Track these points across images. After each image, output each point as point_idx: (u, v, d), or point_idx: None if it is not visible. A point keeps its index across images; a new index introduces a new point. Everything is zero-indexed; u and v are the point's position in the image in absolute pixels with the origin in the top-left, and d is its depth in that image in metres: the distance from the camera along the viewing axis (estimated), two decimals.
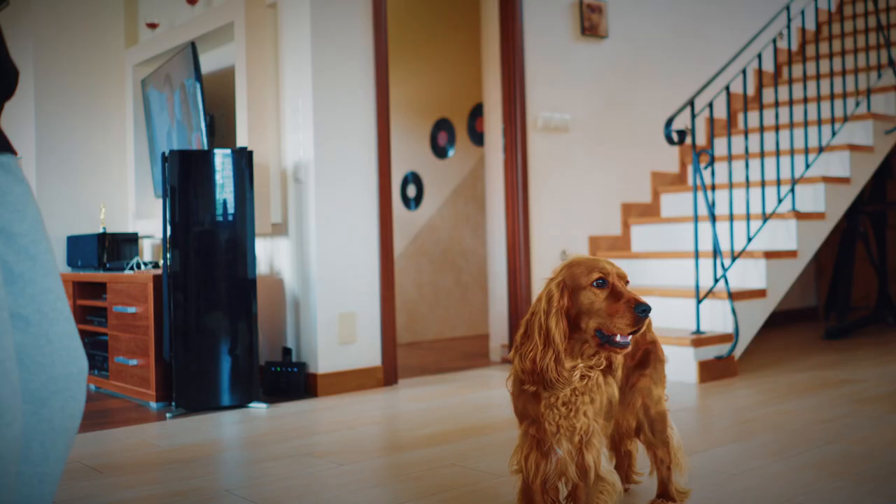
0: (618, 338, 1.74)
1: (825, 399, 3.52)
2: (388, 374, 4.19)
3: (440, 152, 6.46)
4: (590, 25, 5.25)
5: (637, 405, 2.11)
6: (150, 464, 2.85)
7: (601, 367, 1.83)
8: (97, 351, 4.40)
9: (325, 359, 4.00)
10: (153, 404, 3.80)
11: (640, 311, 1.71)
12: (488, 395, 3.94)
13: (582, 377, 1.80)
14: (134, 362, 3.93)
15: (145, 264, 4.39)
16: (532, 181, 4.88)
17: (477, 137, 6.31)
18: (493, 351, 4.97)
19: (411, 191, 6.43)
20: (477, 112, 6.32)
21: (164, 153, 3.78)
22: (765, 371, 4.26)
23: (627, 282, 1.80)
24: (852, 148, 4.99)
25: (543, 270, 4.88)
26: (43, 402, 1.41)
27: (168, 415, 3.60)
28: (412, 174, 6.45)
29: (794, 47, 6.64)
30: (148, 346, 3.83)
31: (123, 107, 5.34)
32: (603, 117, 5.31)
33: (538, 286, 4.86)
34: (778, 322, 6.26)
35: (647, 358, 2.11)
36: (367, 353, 4.14)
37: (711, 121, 4.44)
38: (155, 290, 3.82)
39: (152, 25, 5.00)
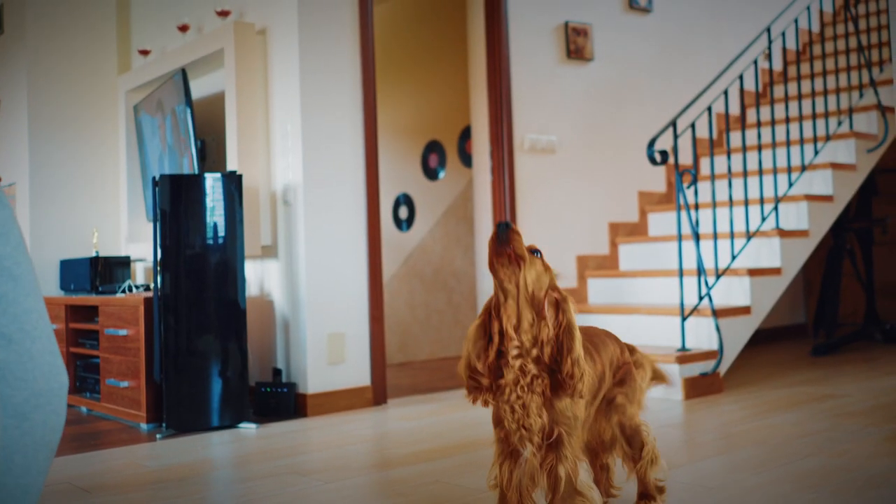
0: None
1: (808, 414, 3.57)
2: (377, 393, 4.24)
3: (431, 174, 6.53)
4: (575, 48, 5.34)
5: (613, 421, 2.17)
6: (138, 484, 2.89)
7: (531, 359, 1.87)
8: (89, 374, 4.44)
9: (315, 379, 4.04)
10: (144, 426, 3.84)
11: (498, 227, 1.85)
12: (476, 413, 3.98)
13: (520, 359, 1.86)
14: (125, 384, 3.97)
15: (137, 287, 4.44)
16: (519, 202, 4.95)
17: (467, 159, 6.38)
18: None
19: (403, 212, 6.49)
20: (467, 134, 6.40)
21: (154, 177, 3.84)
22: (750, 387, 4.30)
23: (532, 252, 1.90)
24: (835, 166, 5.07)
25: None
26: (25, 416, 1.46)
27: (158, 436, 3.64)
28: (404, 196, 6.51)
29: (779, 67, 6.73)
30: (139, 368, 3.87)
31: (116, 132, 5.41)
32: (589, 138, 5.39)
33: None
34: (767, 339, 6.31)
35: (625, 378, 2.18)
36: (356, 373, 4.19)
37: (694, 140, 4.51)
38: (146, 313, 3.87)
39: (144, 52, 5.08)
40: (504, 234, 1.84)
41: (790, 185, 4.85)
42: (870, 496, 2.37)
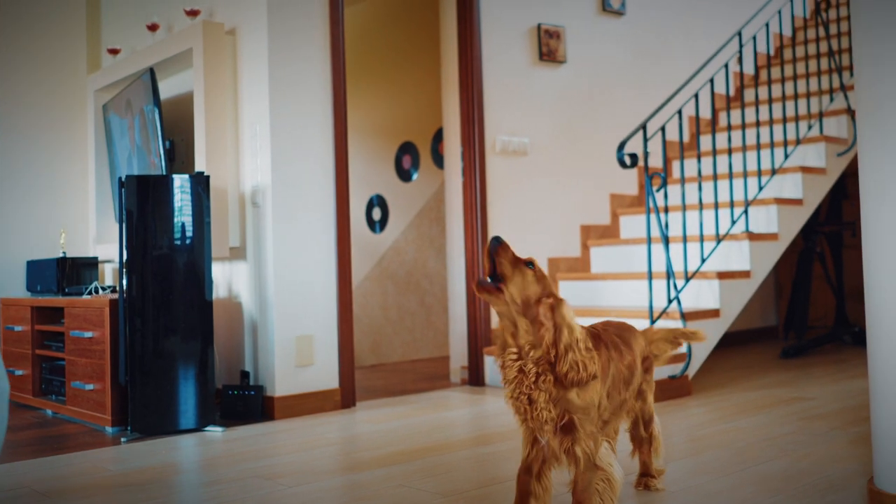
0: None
1: (775, 417, 3.59)
2: (345, 396, 4.21)
3: (405, 175, 6.51)
4: (548, 51, 5.34)
5: (638, 406, 2.48)
6: (100, 487, 2.85)
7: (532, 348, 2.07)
8: (54, 376, 4.39)
9: (283, 382, 4.02)
10: (109, 429, 3.80)
11: (490, 242, 2.08)
12: (444, 416, 3.97)
13: (518, 361, 2.06)
14: (90, 387, 3.93)
15: (104, 289, 4.40)
16: (491, 203, 4.94)
17: (440, 161, 6.37)
18: (453, 373, 5.01)
19: (376, 213, 6.47)
20: (440, 136, 6.39)
21: (120, 178, 3.80)
22: (719, 390, 4.32)
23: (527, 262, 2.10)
24: (805, 170, 5.10)
25: None
26: None
27: (123, 439, 3.60)
28: (377, 197, 6.50)
29: (752, 71, 6.76)
30: (104, 370, 3.83)
31: (85, 132, 5.35)
32: (562, 141, 5.39)
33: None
34: (738, 341, 6.35)
35: (649, 368, 2.50)
36: (324, 375, 4.16)
37: (664, 144, 4.52)
38: (111, 315, 3.83)
39: (114, 51, 5.03)
40: (492, 252, 2.06)
41: (760, 188, 4.88)
42: (832, 499, 2.38)
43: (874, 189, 2.09)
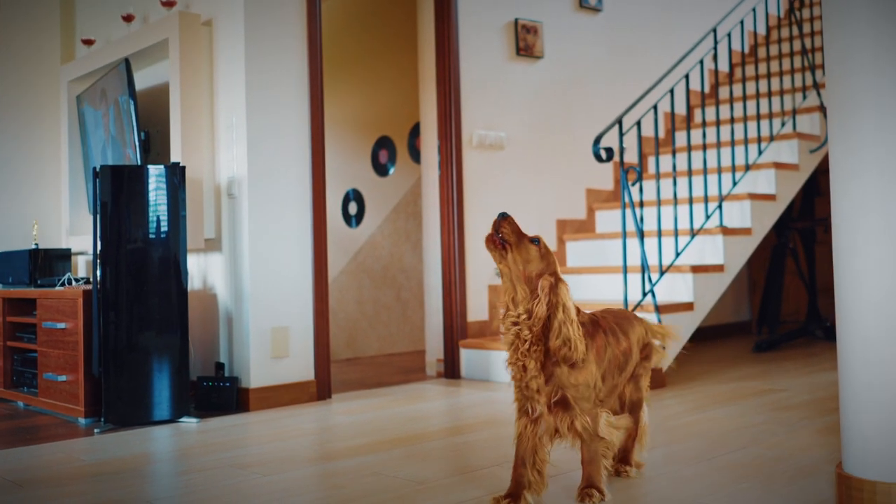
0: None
1: (747, 407, 3.62)
2: (321, 388, 4.21)
3: (381, 170, 6.51)
4: (525, 46, 5.36)
5: (629, 389, 2.55)
6: (73, 477, 2.84)
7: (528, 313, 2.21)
8: (27, 368, 4.36)
9: (258, 373, 4.01)
10: (82, 420, 3.78)
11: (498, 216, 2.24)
12: (419, 407, 3.98)
13: (515, 326, 2.21)
14: (63, 378, 3.90)
15: (77, 280, 4.36)
16: (467, 197, 4.95)
17: (417, 155, 6.38)
18: (429, 365, 5.02)
19: (353, 208, 6.47)
20: (417, 130, 6.39)
21: (95, 168, 3.78)
22: (693, 382, 4.36)
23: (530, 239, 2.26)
24: (778, 166, 5.15)
25: (478, 285, 4.95)
26: None
27: (96, 430, 3.58)
28: (353, 191, 6.49)
29: (726, 69, 6.82)
30: (77, 361, 3.81)
31: (58, 122, 5.31)
32: (538, 135, 5.41)
33: (473, 300, 4.93)
34: (712, 336, 6.40)
35: (647, 355, 2.58)
36: (300, 367, 4.16)
37: (639, 139, 4.55)
38: (85, 306, 3.80)
39: (88, 42, 5.00)
40: (496, 223, 2.22)
41: (734, 183, 4.92)
42: (800, 485, 2.41)
43: (843, 185, 2.13)
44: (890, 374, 2.03)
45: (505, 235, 2.24)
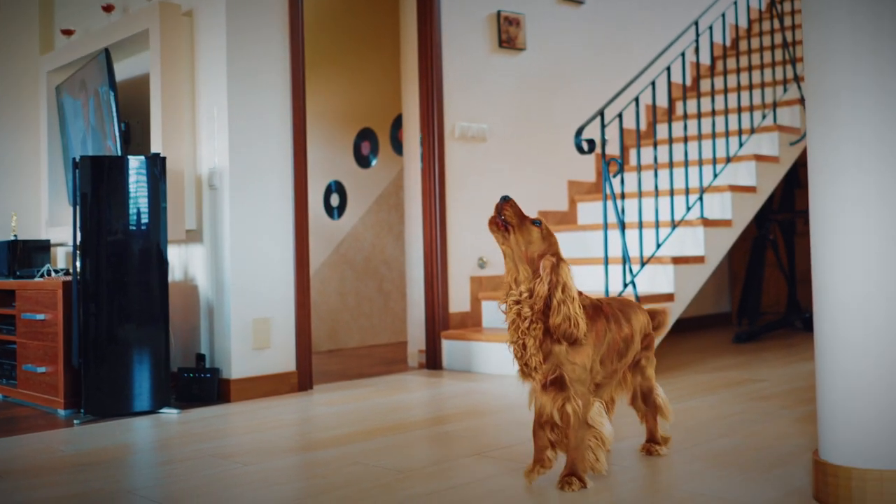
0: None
1: (725, 397, 3.65)
2: (302, 379, 4.21)
3: (363, 162, 6.50)
4: (507, 38, 5.36)
5: (636, 381, 2.64)
6: (52, 468, 2.83)
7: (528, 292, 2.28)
8: (5, 360, 4.33)
9: (239, 364, 4.00)
10: (62, 411, 3.76)
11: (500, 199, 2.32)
12: (401, 398, 3.98)
13: (517, 305, 2.29)
14: (42, 370, 3.88)
15: (56, 271, 4.34)
16: (449, 189, 4.96)
17: (399, 147, 6.37)
18: (410, 356, 5.02)
19: (334, 200, 6.46)
20: (399, 122, 6.38)
21: (74, 159, 3.76)
22: (674, 372, 4.38)
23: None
24: (758, 158, 5.18)
25: (460, 277, 4.96)
26: None
27: (76, 421, 3.57)
28: (335, 183, 6.48)
29: (708, 61, 6.85)
30: (57, 353, 3.79)
31: (37, 113, 5.27)
32: (520, 127, 5.42)
33: (455, 292, 4.93)
34: (693, 327, 6.44)
35: (649, 344, 2.65)
36: (281, 358, 4.15)
37: (621, 131, 4.57)
38: (65, 297, 3.78)
39: (68, 32, 4.96)
40: (499, 206, 2.29)
41: (715, 176, 4.95)
42: (778, 472, 2.43)
43: (821, 177, 2.14)
44: (865, 364, 2.05)
45: (507, 217, 2.30)
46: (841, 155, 2.10)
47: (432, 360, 4.83)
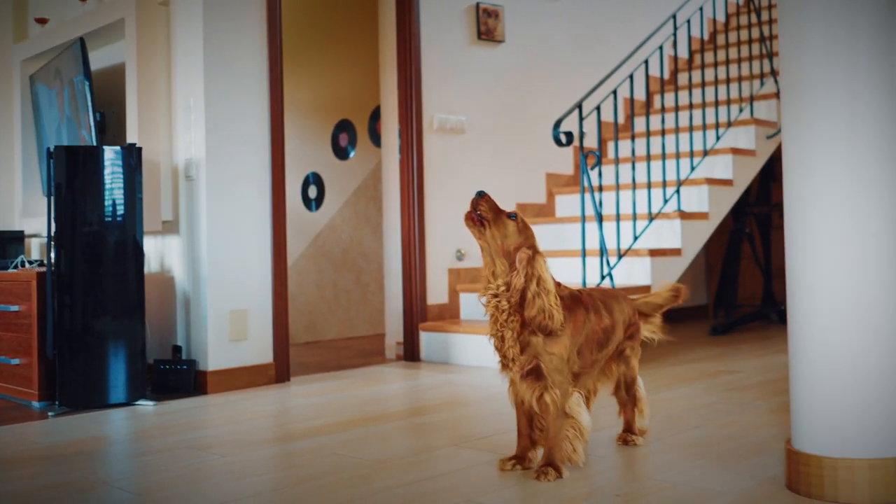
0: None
1: (701, 388, 3.68)
2: (279, 371, 4.20)
3: (341, 153, 6.48)
4: (486, 30, 5.36)
5: (620, 370, 2.66)
6: (27, 460, 2.81)
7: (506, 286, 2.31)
8: None
9: (216, 356, 3.98)
10: (36, 404, 3.73)
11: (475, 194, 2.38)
12: (379, 389, 3.98)
13: (495, 298, 2.32)
14: (16, 361, 3.85)
15: (31, 262, 4.30)
16: (427, 181, 4.95)
17: (378, 139, 6.35)
18: (388, 348, 5.02)
19: (312, 191, 6.43)
20: (378, 114, 6.36)
21: (49, 149, 3.72)
22: (650, 364, 4.41)
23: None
24: (735, 151, 5.21)
25: (438, 269, 4.96)
26: None
27: (50, 413, 3.54)
28: (313, 175, 6.45)
29: (686, 55, 6.88)
30: (31, 344, 3.76)
31: (10, 102, 5.21)
32: (499, 119, 5.42)
33: (433, 284, 4.94)
34: (670, 320, 6.45)
35: (633, 334, 2.68)
36: (258, 350, 4.14)
37: (599, 124, 4.58)
38: (39, 288, 3.75)
39: (42, 21, 4.90)
40: (474, 201, 2.35)
41: (692, 169, 4.98)
42: (752, 461, 2.46)
43: (795, 170, 2.16)
44: (836, 355, 2.08)
45: (482, 212, 2.35)
46: (814, 149, 2.11)
47: (410, 352, 4.84)
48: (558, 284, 2.41)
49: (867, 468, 2.03)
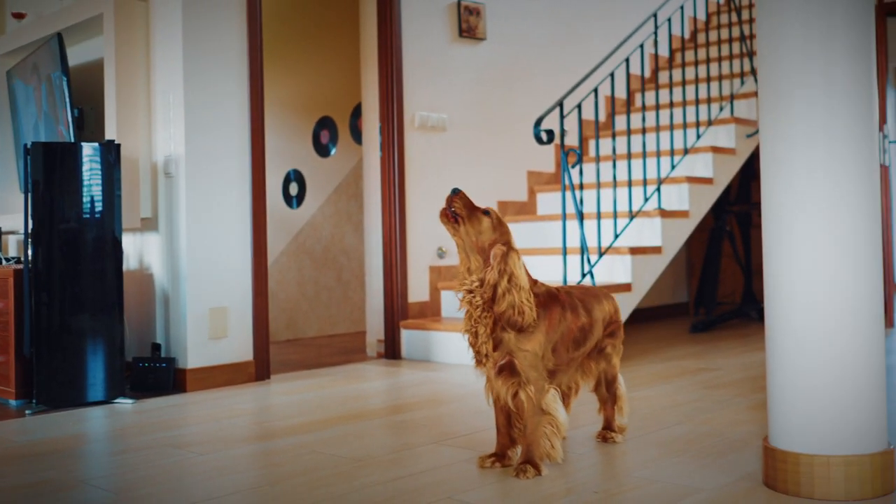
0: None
1: (680, 385, 3.70)
2: (259, 368, 4.18)
3: (322, 151, 6.46)
4: (468, 27, 5.36)
5: (600, 367, 2.66)
6: (3, 458, 2.78)
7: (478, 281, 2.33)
8: None
9: (195, 354, 3.96)
10: (13, 402, 3.70)
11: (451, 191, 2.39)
12: (359, 387, 3.97)
13: (470, 294, 2.33)
14: None
15: (7, 259, 4.26)
16: (409, 179, 4.95)
17: (359, 136, 6.34)
18: (369, 346, 5.02)
19: (293, 189, 6.41)
20: (359, 111, 6.35)
21: (26, 145, 3.69)
22: (630, 361, 4.42)
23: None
24: (715, 150, 5.24)
25: (419, 267, 4.96)
26: None
27: (28, 412, 3.51)
28: (294, 172, 6.43)
29: (667, 54, 6.90)
30: (8, 342, 3.72)
31: None
32: (480, 117, 5.42)
33: (414, 282, 4.93)
34: (650, 317, 6.50)
35: (614, 332, 2.67)
36: (238, 348, 4.12)
37: (580, 122, 4.59)
38: (16, 286, 3.72)
39: (19, 15, 4.86)
40: (449, 198, 2.35)
41: (672, 167, 5.00)
42: (730, 458, 2.47)
43: (773, 169, 2.17)
44: (812, 354, 2.09)
45: (457, 209, 2.36)
46: (792, 148, 2.13)
47: (391, 350, 4.83)
48: (535, 282, 2.41)
49: (843, 465, 2.04)
